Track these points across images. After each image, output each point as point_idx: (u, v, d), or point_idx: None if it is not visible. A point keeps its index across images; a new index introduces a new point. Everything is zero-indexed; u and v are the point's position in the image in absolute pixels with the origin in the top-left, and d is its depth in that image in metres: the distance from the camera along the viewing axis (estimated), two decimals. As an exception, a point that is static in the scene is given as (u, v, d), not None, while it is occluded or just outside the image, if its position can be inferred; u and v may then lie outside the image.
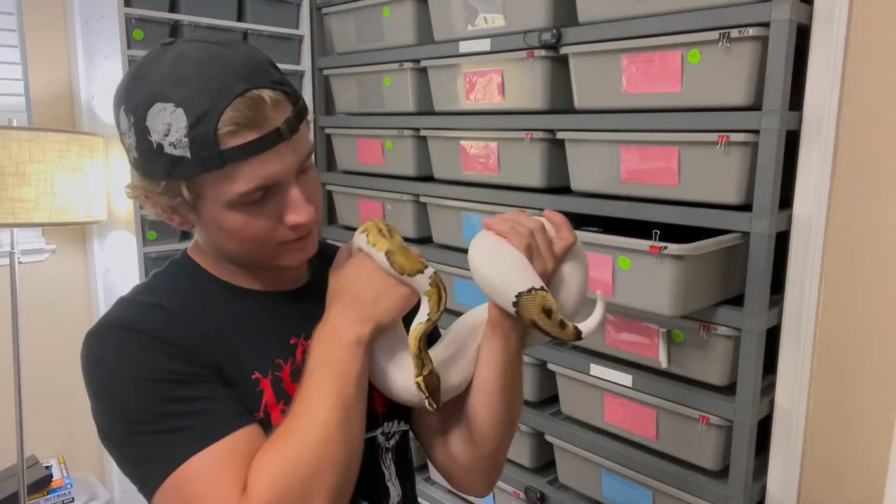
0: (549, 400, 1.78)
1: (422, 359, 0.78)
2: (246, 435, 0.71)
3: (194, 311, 0.79)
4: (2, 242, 2.07)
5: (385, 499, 0.88)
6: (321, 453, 0.69)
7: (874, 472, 1.32)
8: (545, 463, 1.79)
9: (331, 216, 2.45)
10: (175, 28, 2.02)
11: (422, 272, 0.79)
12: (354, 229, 2.52)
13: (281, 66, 2.38)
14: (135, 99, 0.71)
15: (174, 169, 0.71)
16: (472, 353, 0.87)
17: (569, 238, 0.87)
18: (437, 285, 0.79)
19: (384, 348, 0.83)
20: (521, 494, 1.77)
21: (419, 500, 2.07)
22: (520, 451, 1.79)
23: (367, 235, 0.82)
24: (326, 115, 2.37)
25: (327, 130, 2.32)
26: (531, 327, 0.79)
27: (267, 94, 0.71)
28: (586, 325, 0.79)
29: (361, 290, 0.78)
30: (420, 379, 0.77)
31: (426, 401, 0.77)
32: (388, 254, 0.79)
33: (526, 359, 1.71)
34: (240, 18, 2.16)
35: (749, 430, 1.34)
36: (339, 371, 0.74)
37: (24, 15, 2.06)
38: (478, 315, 0.89)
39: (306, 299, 0.87)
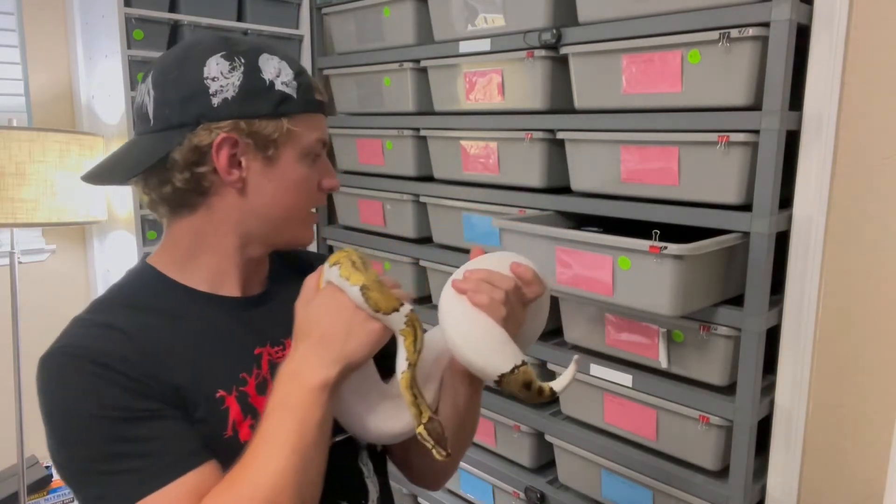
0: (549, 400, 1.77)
1: (419, 406, 0.74)
2: (198, 476, 0.69)
3: (156, 326, 0.77)
4: (2, 242, 2.07)
5: (364, 496, 0.88)
6: (273, 502, 0.66)
7: (874, 472, 1.32)
8: (545, 463, 1.79)
9: (331, 216, 2.45)
10: (175, 28, 2.02)
11: (398, 310, 0.73)
12: (354, 230, 2.51)
13: (281, 66, 2.33)
14: (239, 47, 0.80)
15: (282, 105, 0.79)
16: (437, 385, 0.85)
17: (539, 291, 0.84)
18: (414, 324, 0.74)
19: (354, 389, 0.78)
20: (521, 494, 1.77)
21: (419, 499, 2.08)
22: (520, 451, 1.79)
23: (340, 268, 0.75)
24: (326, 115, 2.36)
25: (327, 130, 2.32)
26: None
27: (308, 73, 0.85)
28: (559, 384, 0.79)
29: (330, 326, 0.73)
30: (422, 429, 0.73)
31: (433, 450, 0.72)
32: (363, 289, 0.72)
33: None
34: (240, 18, 2.16)
35: (749, 430, 1.34)
36: (299, 416, 0.69)
37: (24, 15, 2.06)
38: (440, 342, 0.85)
39: (271, 303, 0.87)
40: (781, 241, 1.35)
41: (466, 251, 1.87)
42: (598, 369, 1.54)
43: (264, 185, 0.81)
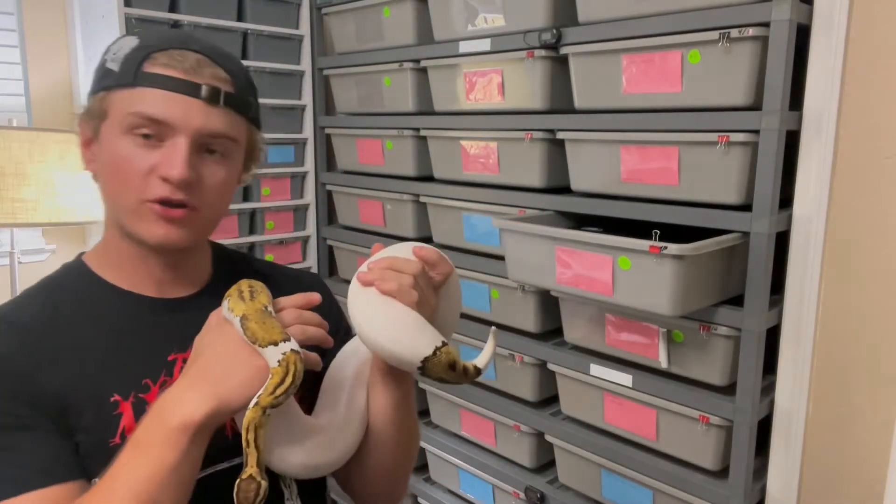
0: (549, 400, 1.78)
1: (247, 455, 0.66)
2: (37, 498, 0.66)
3: (63, 324, 0.76)
4: (2, 242, 2.06)
5: None
6: None
7: (874, 472, 1.32)
8: (545, 463, 1.79)
9: (331, 216, 2.45)
10: (175, 28, 2.02)
11: (276, 344, 0.67)
12: (354, 230, 2.50)
13: (281, 66, 2.36)
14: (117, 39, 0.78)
15: (102, 80, 0.76)
16: (363, 403, 0.82)
17: (446, 269, 0.81)
18: (289, 366, 0.66)
19: (277, 425, 0.73)
20: (521, 494, 1.77)
21: (419, 500, 2.07)
22: (520, 451, 1.79)
23: (228, 300, 0.72)
24: (326, 115, 2.37)
25: (327, 130, 2.32)
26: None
27: (213, 64, 0.76)
28: (482, 360, 0.77)
29: (211, 361, 0.67)
30: (238, 482, 0.66)
31: None
32: (242, 319, 0.68)
33: (526, 359, 1.71)
34: (240, 18, 2.16)
35: (749, 430, 1.34)
36: (151, 456, 0.64)
37: (24, 15, 2.06)
38: (358, 355, 0.83)
39: (198, 307, 0.79)
40: (781, 241, 1.35)
41: (467, 251, 1.87)
42: (598, 369, 1.54)
43: (99, 167, 0.78)
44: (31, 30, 2.07)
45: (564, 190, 1.66)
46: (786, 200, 1.34)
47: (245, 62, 2.13)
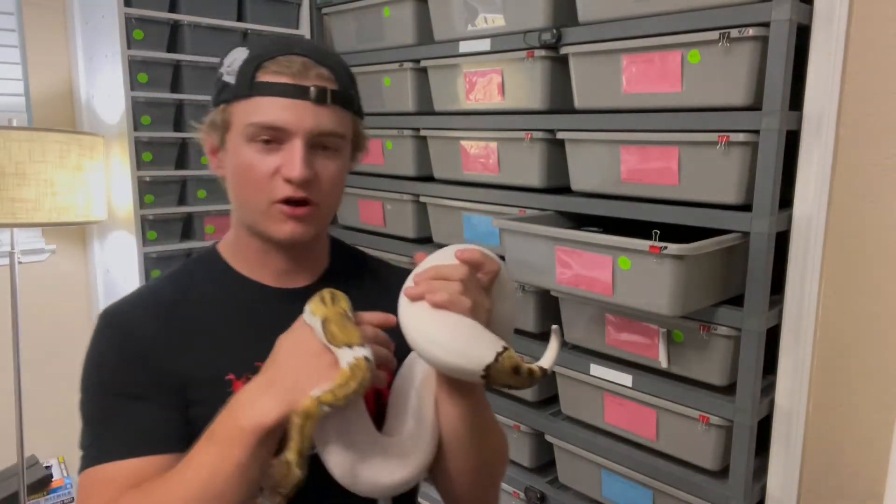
0: (549, 400, 1.78)
1: (293, 441, 0.65)
2: (142, 463, 0.73)
3: (194, 304, 0.84)
4: (2, 242, 2.07)
5: None
6: None
7: (874, 472, 1.32)
8: (545, 463, 1.79)
9: (331, 216, 2.44)
10: (175, 28, 2.02)
11: (350, 347, 0.67)
12: (354, 230, 2.50)
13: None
14: (226, 51, 0.84)
15: (221, 93, 0.82)
16: (432, 416, 0.80)
17: (493, 268, 0.81)
18: (356, 370, 0.66)
19: (339, 434, 0.71)
20: (521, 494, 1.77)
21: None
22: (520, 451, 1.79)
23: (310, 304, 0.72)
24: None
25: (327, 130, 2.32)
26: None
27: (316, 65, 0.80)
28: (547, 361, 0.75)
29: (288, 365, 0.69)
30: (278, 461, 0.65)
31: (270, 492, 0.65)
32: (324, 321, 0.69)
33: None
34: (240, 18, 2.16)
35: (749, 430, 1.34)
36: (221, 454, 0.67)
37: (24, 15, 2.06)
38: (419, 370, 0.81)
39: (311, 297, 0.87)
40: (781, 241, 1.35)
41: (466, 251, 1.86)
42: (598, 369, 1.54)
43: (227, 172, 0.85)
44: (31, 30, 2.07)
45: (564, 190, 1.66)
46: (786, 200, 1.34)
47: (245, 62, 2.14)
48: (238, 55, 0.81)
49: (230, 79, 0.81)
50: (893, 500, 1.26)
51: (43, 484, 2.06)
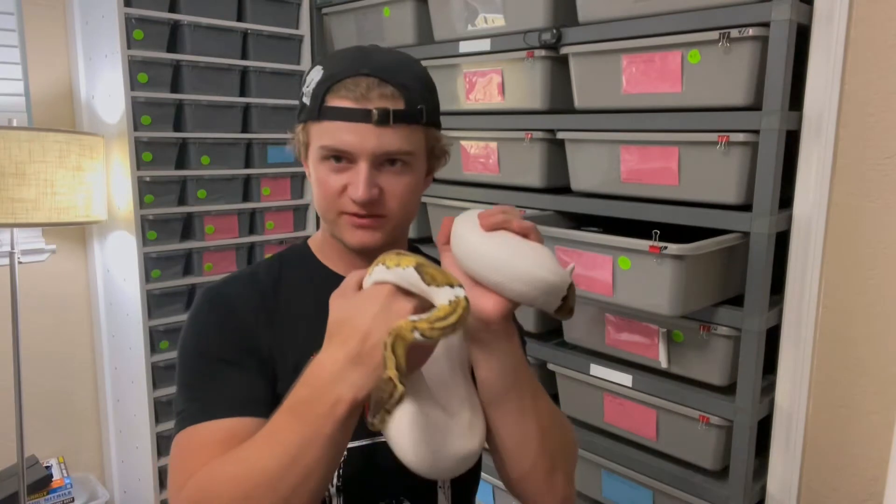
0: (549, 400, 1.77)
1: (386, 358, 0.63)
2: (239, 423, 0.78)
3: (286, 290, 0.91)
4: (2, 242, 2.06)
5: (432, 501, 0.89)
6: (245, 493, 0.69)
7: (874, 472, 1.32)
8: (545, 463, 1.79)
9: (331, 216, 2.44)
10: (175, 28, 2.02)
11: (451, 286, 0.67)
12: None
13: (281, 66, 2.35)
14: (313, 64, 0.89)
15: (300, 113, 0.88)
16: (473, 387, 0.79)
17: (523, 222, 0.80)
18: (457, 307, 0.65)
19: (411, 416, 0.68)
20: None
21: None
22: (520, 451, 1.79)
23: (386, 260, 0.70)
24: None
25: (327, 130, 2.32)
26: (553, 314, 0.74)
27: (382, 84, 0.82)
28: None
29: (366, 325, 0.68)
30: (385, 376, 0.63)
31: (376, 411, 0.63)
32: (418, 266, 0.68)
33: (526, 359, 1.71)
34: (240, 18, 2.16)
35: (749, 430, 1.34)
36: (309, 426, 0.68)
37: (24, 15, 2.06)
38: (445, 346, 0.79)
39: None
40: (781, 241, 1.35)
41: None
42: (598, 369, 1.54)
43: (310, 180, 0.91)
44: (31, 30, 2.07)
45: (564, 190, 1.66)
46: (786, 200, 1.34)
47: (245, 62, 2.14)
48: (315, 75, 0.86)
49: (307, 100, 0.86)
50: (893, 500, 1.26)
51: (43, 484, 2.05)
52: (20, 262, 2.00)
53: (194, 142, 2.06)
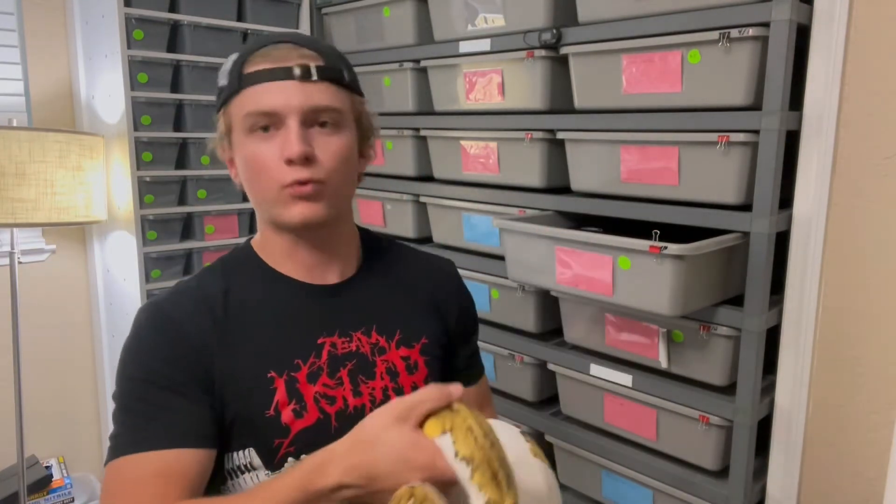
0: (549, 400, 1.77)
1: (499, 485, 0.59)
2: (179, 456, 0.76)
3: (234, 302, 0.85)
4: (2, 242, 2.06)
5: None
6: None
7: (874, 472, 1.32)
8: (545, 463, 1.79)
9: (331, 216, 2.44)
10: (175, 28, 2.02)
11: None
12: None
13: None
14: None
15: (218, 98, 0.84)
16: None
17: None
18: None
19: None
20: None
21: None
22: (520, 451, 1.79)
23: (476, 473, 0.62)
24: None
25: (327, 130, 2.32)
26: None
27: (298, 48, 0.81)
28: None
29: (389, 476, 0.65)
30: None
31: None
32: (475, 467, 0.61)
33: (526, 359, 1.71)
34: (240, 18, 2.16)
35: (749, 430, 1.34)
36: None
37: (24, 15, 2.06)
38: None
39: (349, 295, 0.90)
40: (781, 241, 1.35)
41: (467, 251, 1.87)
42: (598, 369, 1.54)
43: (239, 169, 0.86)
44: (31, 30, 2.07)
45: (564, 190, 1.66)
46: (786, 200, 1.34)
47: (245, 62, 2.14)
48: (229, 59, 0.84)
49: (223, 81, 0.84)
50: (894, 500, 1.26)
51: (43, 484, 2.05)
52: (20, 262, 2.00)
53: (194, 142, 2.06)
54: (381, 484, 0.66)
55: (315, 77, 0.80)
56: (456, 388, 0.69)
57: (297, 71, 0.79)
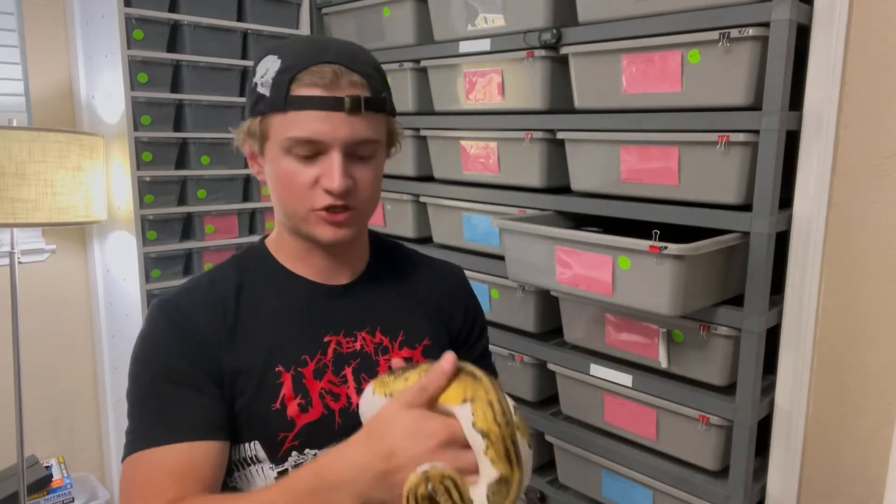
0: (549, 400, 1.78)
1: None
2: (195, 449, 0.77)
3: (246, 298, 0.87)
4: (2, 242, 2.06)
5: None
6: None
7: (874, 472, 1.32)
8: (545, 463, 1.79)
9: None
10: (175, 28, 2.02)
11: (507, 479, 0.64)
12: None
13: (281, 66, 2.30)
14: (258, 54, 0.84)
15: (256, 105, 0.83)
16: None
17: None
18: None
19: None
20: (522, 495, 1.76)
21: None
22: (520, 451, 1.79)
23: (488, 446, 0.64)
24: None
25: (327, 130, 2.32)
26: None
27: (348, 72, 0.81)
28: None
29: (406, 456, 0.66)
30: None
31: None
32: (499, 480, 0.63)
33: (526, 359, 1.71)
34: (240, 18, 2.16)
35: (749, 430, 1.34)
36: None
37: (24, 15, 2.06)
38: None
39: (356, 295, 0.92)
40: (781, 241, 1.35)
41: (467, 251, 1.87)
42: (598, 369, 1.54)
43: (268, 179, 0.87)
44: (31, 30, 2.07)
45: (564, 190, 1.66)
46: (786, 200, 1.34)
47: (245, 62, 2.14)
48: (270, 65, 0.81)
49: (265, 90, 0.81)
50: (894, 500, 1.26)
51: (43, 484, 2.05)
52: (20, 262, 2.00)
53: (194, 142, 2.06)
54: (399, 459, 0.65)
55: (363, 110, 0.81)
56: (447, 362, 0.69)
57: (347, 103, 0.79)
